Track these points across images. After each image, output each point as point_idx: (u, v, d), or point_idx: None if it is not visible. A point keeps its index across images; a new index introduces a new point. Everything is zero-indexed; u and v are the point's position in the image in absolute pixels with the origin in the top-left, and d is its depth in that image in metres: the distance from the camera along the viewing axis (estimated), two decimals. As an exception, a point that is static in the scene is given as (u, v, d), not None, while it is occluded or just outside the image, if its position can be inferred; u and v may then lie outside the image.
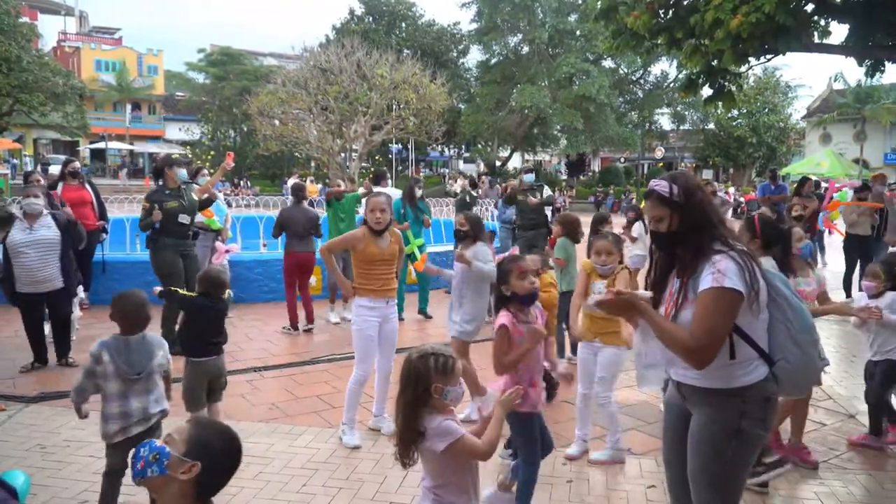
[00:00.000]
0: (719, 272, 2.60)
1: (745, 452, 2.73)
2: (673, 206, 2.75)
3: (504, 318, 3.75)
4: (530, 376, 3.76)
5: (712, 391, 2.73)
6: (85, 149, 48.20)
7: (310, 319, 8.52)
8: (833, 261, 13.64)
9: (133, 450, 2.03)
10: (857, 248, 10.78)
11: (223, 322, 4.85)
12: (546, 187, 10.88)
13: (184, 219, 7.10)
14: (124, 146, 50.16)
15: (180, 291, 5.43)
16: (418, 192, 9.38)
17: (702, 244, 2.70)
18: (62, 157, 36.79)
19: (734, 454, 2.70)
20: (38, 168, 26.92)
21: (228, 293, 4.95)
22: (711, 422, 2.74)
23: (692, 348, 2.61)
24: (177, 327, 6.94)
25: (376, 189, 8.90)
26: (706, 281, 2.62)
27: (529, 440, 3.81)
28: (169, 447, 1.98)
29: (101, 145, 48.18)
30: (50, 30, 57.26)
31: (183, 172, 7.23)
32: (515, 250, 4.40)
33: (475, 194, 14.47)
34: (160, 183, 7.24)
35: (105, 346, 3.71)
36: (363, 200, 7.66)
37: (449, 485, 2.77)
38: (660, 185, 2.79)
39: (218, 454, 2.03)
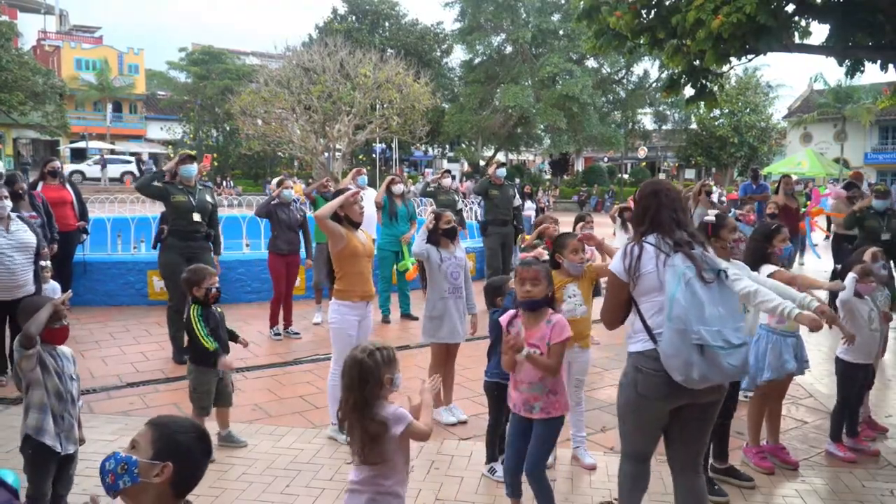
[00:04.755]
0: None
1: (625, 406, 3.31)
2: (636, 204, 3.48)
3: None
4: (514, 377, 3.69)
5: None
6: (65, 148, 47.69)
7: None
8: (809, 261, 13.76)
9: (100, 465, 2.01)
10: (844, 249, 10.86)
11: (220, 329, 4.91)
12: (517, 194, 10.46)
13: (196, 216, 6.95)
14: (105, 145, 49.60)
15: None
16: (399, 189, 9.12)
17: (636, 233, 3.30)
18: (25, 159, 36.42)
19: (619, 402, 3.36)
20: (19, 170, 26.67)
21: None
22: None
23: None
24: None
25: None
26: None
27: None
28: (135, 454, 1.97)
29: (81, 145, 47.70)
30: (30, 29, 56.67)
31: (191, 169, 7.05)
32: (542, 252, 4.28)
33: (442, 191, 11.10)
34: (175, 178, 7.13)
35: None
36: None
37: (387, 466, 2.83)
38: None
39: (186, 449, 2.02)
